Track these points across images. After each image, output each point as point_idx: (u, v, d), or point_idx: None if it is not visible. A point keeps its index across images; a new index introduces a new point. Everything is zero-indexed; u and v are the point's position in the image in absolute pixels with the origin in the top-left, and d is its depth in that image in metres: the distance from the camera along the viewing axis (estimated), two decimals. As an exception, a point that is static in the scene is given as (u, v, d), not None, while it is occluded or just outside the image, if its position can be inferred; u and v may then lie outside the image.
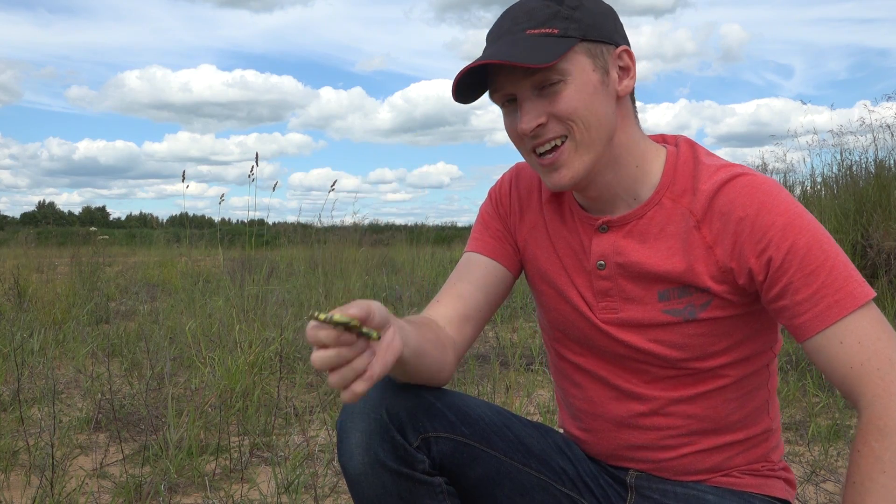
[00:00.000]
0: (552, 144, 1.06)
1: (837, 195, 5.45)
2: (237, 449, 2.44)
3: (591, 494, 1.20)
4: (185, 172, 5.68)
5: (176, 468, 2.23)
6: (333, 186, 6.19)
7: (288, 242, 8.22)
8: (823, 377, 2.43)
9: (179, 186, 5.87)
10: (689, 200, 1.09)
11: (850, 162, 5.73)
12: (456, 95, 1.08)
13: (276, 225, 8.67)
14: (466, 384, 3.19)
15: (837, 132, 6.13)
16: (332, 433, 2.57)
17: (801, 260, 0.99)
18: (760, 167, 6.84)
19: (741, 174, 1.06)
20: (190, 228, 7.06)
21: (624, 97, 1.10)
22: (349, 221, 8.10)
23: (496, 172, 1.34)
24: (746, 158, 14.46)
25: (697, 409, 1.14)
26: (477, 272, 1.22)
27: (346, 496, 2.11)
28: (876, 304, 1.00)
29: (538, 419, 2.70)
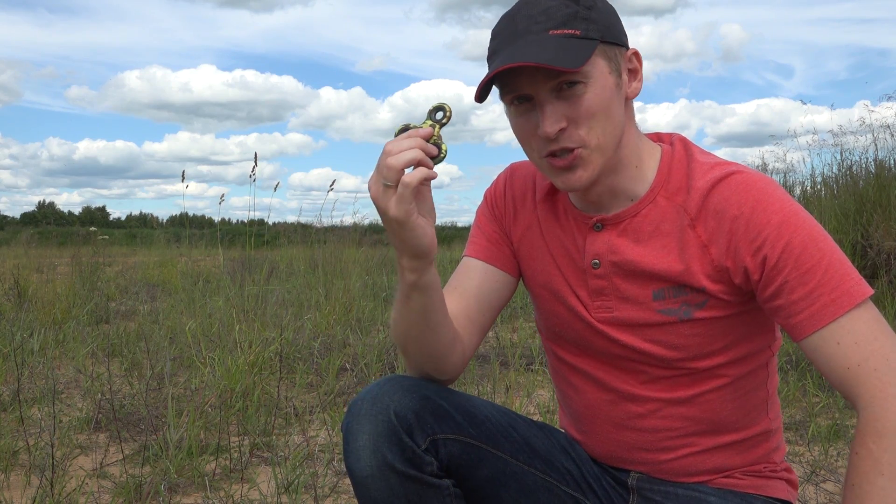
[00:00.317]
0: (566, 149, 1.04)
1: (837, 195, 5.45)
2: (237, 449, 2.43)
3: (594, 495, 1.20)
4: (184, 172, 5.70)
5: (176, 468, 2.23)
6: (332, 186, 6.20)
7: (288, 242, 8.22)
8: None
9: (179, 186, 5.88)
10: (683, 198, 1.08)
11: (850, 162, 5.73)
12: (479, 96, 1.05)
13: (276, 225, 8.69)
14: (466, 384, 3.19)
15: (837, 132, 6.13)
16: (332, 433, 2.57)
17: (796, 258, 0.99)
18: (760, 167, 6.84)
19: (735, 172, 1.06)
20: (190, 228, 7.06)
21: (631, 99, 1.10)
22: (349, 221, 8.10)
23: (496, 172, 1.33)
24: (746, 158, 14.46)
25: (695, 409, 1.13)
26: (475, 278, 1.21)
27: (346, 496, 2.11)
28: (876, 304, 0.99)
29: (538, 419, 2.70)
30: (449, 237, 12.91)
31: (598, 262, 1.13)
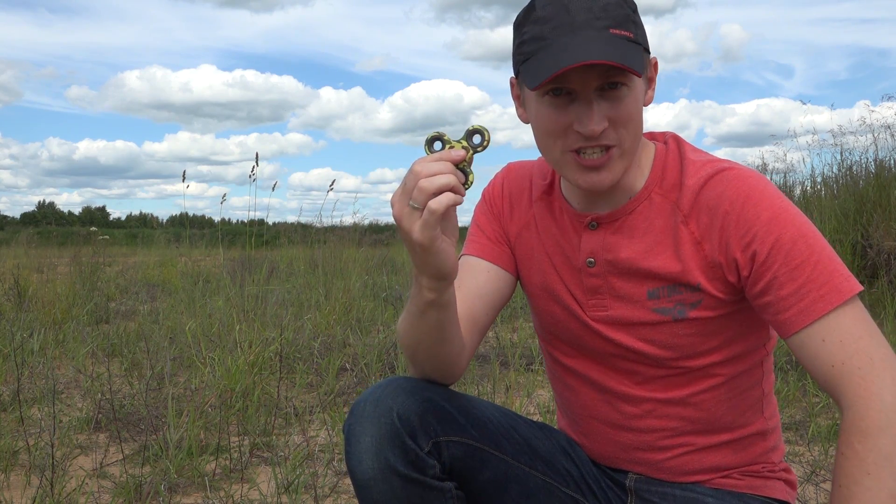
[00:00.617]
0: (603, 147, 1.03)
1: (837, 195, 5.46)
2: (237, 449, 2.43)
3: (593, 497, 1.20)
4: (185, 172, 5.70)
5: (176, 468, 2.23)
6: (332, 186, 6.21)
7: (288, 242, 8.22)
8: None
9: (179, 186, 5.89)
10: (676, 196, 1.09)
11: (850, 162, 5.74)
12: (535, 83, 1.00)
13: (276, 225, 8.69)
14: (466, 384, 3.19)
15: (837, 132, 6.14)
16: (332, 433, 2.57)
17: (785, 254, 0.98)
18: (760, 167, 6.84)
19: (727, 168, 1.06)
20: (190, 228, 7.07)
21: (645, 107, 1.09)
22: (349, 221, 8.10)
23: (496, 172, 1.33)
24: (746, 158, 14.46)
25: (690, 409, 1.13)
26: (478, 277, 1.21)
27: (346, 496, 2.11)
28: (876, 304, 1.00)
29: (538, 419, 2.70)
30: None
31: (592, 260, 1.13)
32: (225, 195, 5.74)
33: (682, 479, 1.17)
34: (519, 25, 1.06)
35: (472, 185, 0.94)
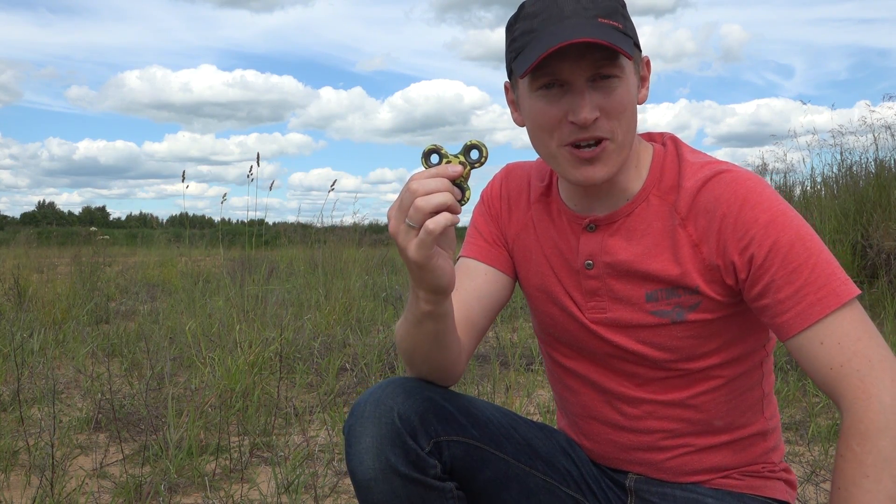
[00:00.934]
0: (596, 139, 1.03)
1: (837, 195, 5.46)
2: (237, 449, 2.43)
3: (593, 497, 1.20)
4: (185, 172, 5.70)
5: (176, 468, 2.23)
6: (333, 186, 6.20)
7: (288, 242, 8.22)
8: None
9: (179, 186, 5.89)
10: (674, 198, 1.09)
11: (850, 162, 5.75)
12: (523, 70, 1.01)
13: (276, 225, 8.70)
14: (466, 384, 3.19)
15: (838, 132, 6.14)
16: (332, 433, 2.57)
17: (783, 257, 0.98)
18: (760, 167, 6.85)
19: (725, 171, 1.06)
20: (190, 228, 7.06)
21: (639, 105, 1.10)
22: (349, 221, 8.10)
23: (495, 172, 1.33)
24: (746, 158, 14.47)
25: (690, 410, 1.13)
26: (476, 280, 1.21)
27: (346, 496, 2.11)
28: (876, 304, 1.00)
29: (538, 419, 2.70)
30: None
31: (591, 262, 1.13)
32: (225, 195, 5.74)
33: (682, 479, 1.17)
34: (510, 26, 1.08)
35: (468, 201, 0.93)
